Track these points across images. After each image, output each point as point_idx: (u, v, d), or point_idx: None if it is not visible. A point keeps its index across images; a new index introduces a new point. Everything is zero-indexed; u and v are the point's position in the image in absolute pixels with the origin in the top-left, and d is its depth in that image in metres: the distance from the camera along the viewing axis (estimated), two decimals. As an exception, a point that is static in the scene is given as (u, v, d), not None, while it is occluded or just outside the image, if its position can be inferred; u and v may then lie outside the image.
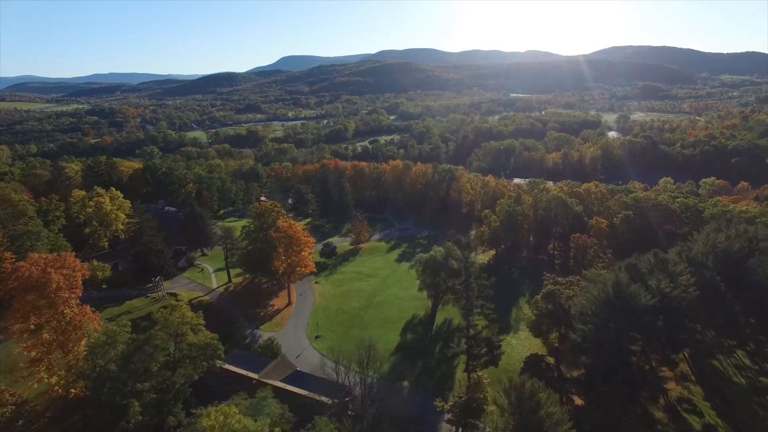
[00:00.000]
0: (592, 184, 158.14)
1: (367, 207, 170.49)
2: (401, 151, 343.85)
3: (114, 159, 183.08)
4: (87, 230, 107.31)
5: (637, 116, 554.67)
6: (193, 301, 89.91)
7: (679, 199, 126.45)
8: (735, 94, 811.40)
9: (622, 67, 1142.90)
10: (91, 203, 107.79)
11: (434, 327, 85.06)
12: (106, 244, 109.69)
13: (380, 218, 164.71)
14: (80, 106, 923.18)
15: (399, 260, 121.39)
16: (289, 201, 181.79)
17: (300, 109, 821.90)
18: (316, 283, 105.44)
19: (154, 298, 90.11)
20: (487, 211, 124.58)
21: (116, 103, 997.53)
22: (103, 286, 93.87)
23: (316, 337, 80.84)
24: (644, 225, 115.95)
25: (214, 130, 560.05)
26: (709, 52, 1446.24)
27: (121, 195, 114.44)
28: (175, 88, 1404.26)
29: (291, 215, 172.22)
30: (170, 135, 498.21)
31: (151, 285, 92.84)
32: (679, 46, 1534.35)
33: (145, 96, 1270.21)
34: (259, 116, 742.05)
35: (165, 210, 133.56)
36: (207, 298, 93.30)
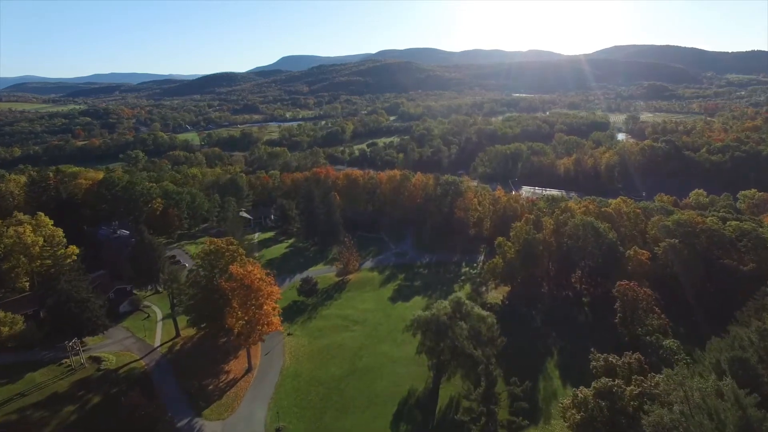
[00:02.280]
0: (619, 200, 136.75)
1: (359, 225, 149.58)
2: (400, 155, 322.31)
3: (71, 168, 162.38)
4: (5, 266, 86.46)
5: (646, 117, 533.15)
6: (119, 372, 68.91)
7: (732, 223, 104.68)
8: (743, 93, 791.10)
9: (625, 67, 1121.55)
10: (11, 232, 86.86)
11: (437, 410, 63.86)
12: (27, 285, 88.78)
13: (374, 239, 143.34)
14: (76, 107, 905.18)
15: (394, 299, 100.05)
16: (272, 217, 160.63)
17: (298, 109, 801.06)
18: (288, 334, 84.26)
19: (69, 366, 68.98)
20: (500, 239, 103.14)
21: (114, 103, 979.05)
22: (9, 345, 72.86)
23: (277, 430, 59.62)
24: (694, 257, 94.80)
25: (207, 132, 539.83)
26: (713, 51, 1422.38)
27: (51, 222, 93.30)
28: (174, 88, 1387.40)
29: (272, 234, 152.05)
30: (161, 137, 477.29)
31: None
32: (682, 45, 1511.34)
33: (144, 96, 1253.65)
34: (255, 117, 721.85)
35: (116, 235, 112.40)
36: (141, 363, 72.05)
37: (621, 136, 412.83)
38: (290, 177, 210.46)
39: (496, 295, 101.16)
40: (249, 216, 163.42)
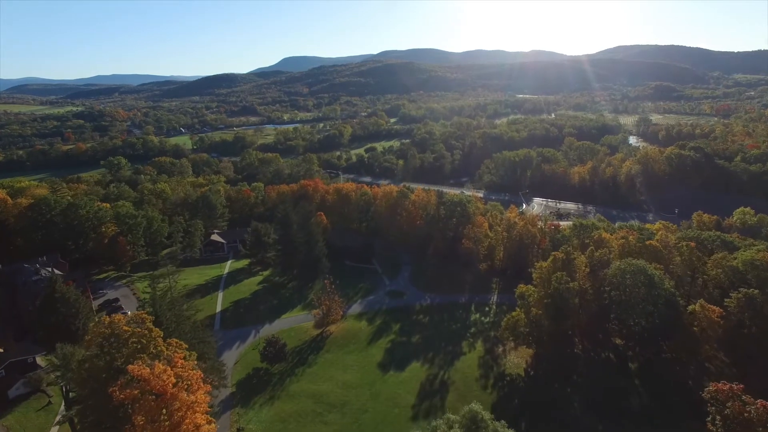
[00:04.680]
0: (659, 225, 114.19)
1: (348, 253, 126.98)
2: (400, 161, 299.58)
3: (21, 182, 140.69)
4: None
5: (656, 118, 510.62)
6: None
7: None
8: (753, 93, 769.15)
9: (629, 67, 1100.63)
10: None
11: None
12: None
13: (365, 271, 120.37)
14: (73, 109, 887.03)
15: (385, 365, 77.15)
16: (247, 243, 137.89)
17: (296, 111, 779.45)
18: (238, 430, 61.77)
19: None
20: (522, 287, 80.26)
21: (112, 105, 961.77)
22: None
23: None
24: (781, 315, 71.96)
25: (199, 136, 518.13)
26: (718, 51, 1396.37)
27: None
28: (174, 89, 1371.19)
29: (247, 263, 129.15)
30: (151, 141, 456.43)
31: None
32: (686, 45, 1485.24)
33: (144, 97, 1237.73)
34: (252, 119, 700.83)
35: (36, 277, 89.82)
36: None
37: (633, 140, 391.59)
38: (276, 190, 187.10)
39: (517, 360, 78.16)
40: (222, 240, 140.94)
